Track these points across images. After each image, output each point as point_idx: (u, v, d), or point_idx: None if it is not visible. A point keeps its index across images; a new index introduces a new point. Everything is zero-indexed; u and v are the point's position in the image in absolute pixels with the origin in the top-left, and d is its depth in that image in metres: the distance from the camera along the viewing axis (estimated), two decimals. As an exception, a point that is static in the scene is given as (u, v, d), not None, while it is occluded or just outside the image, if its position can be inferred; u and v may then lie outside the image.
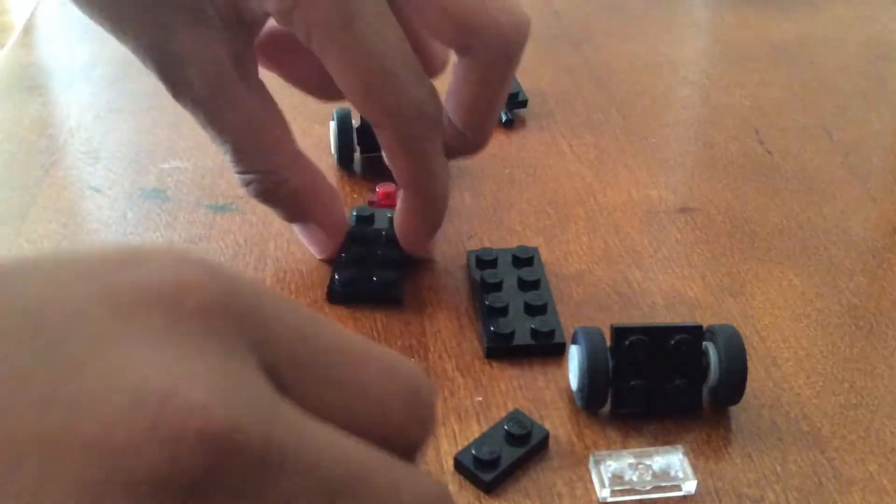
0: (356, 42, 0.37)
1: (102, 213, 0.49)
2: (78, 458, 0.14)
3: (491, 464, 0.34)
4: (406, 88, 0.38)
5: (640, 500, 0.34)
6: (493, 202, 0.51)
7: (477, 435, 0.36)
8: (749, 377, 0.37)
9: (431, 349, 0.41)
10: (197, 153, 0.56)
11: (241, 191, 0.52)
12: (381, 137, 0.41)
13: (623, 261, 0.47)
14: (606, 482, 0.34)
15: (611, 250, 0.47)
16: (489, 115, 0.42)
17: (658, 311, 0.43)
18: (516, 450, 0.35)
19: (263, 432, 0.15)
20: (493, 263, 0.45)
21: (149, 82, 0.64)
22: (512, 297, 0.43)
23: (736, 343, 0.37)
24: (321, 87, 0.45)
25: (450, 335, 0.42)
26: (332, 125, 0.53)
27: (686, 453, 0.35)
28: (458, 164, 0.55)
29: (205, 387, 0.15)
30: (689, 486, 0.34)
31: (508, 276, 0.44)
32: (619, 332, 0.36)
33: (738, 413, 0.38)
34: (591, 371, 0.36)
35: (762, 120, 0.60)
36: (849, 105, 0.62)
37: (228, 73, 0.39)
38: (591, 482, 0.35)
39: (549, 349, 0.40)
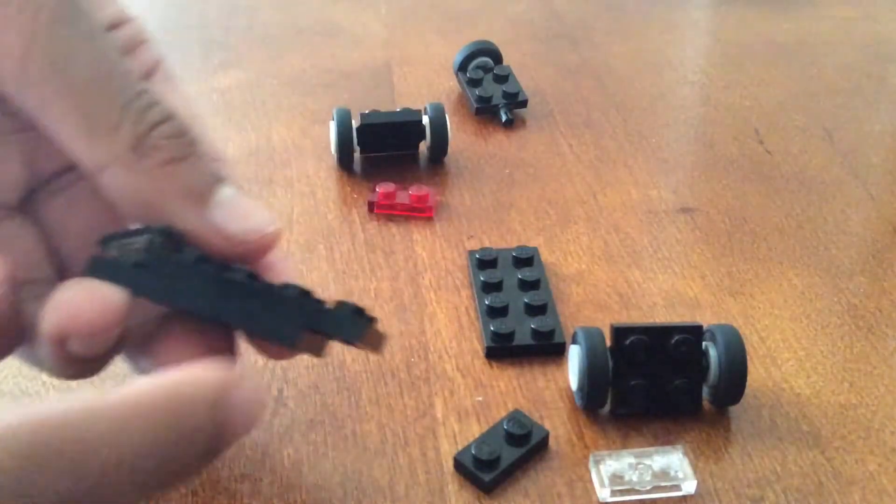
0: None
1: (102, 213, 0.49)
2: None
3: (491, 464, 0.34)
4: None
5: (640, 500, 0.34)
6: (493, 202, 0.51)
7: (477, 435, 0.36)
8: (749, 377, 0.37)
9: (431, 349, 0.41)
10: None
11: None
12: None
13: (623, 261, 0.47)
14: (606, 482, 0.34)
15: (611, 250, 0.47)
16: None
17: (658, 311, 0.43)
18: (516, 450, 0.35)
19: None
20: (493, 263, 0.45)
21: (149, 82, 0.65)
22: (512, 297, 0.43)
23: (736, 343, 0.37)
24: None
25: (450, 335, 0.42)
26: (332, 125, 0.53)
27: (686, 453, 0.35)
28: (458, 164, 0.55)
29: None
30: (689, 486, 0.34)
31: (508, 276, 0.44)
32: (619, 332, 0.36)
33: (738, 413, 0.38)
34: (591, 371, 0.36)
35: (762, 120, 0.60)
36: (849, 105, 0.62)
37: None
38: (591, 482, 0.35)
39: (549, 349, 0.40)
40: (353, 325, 0.28)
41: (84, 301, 0.27)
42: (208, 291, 0.28)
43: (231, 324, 0.29)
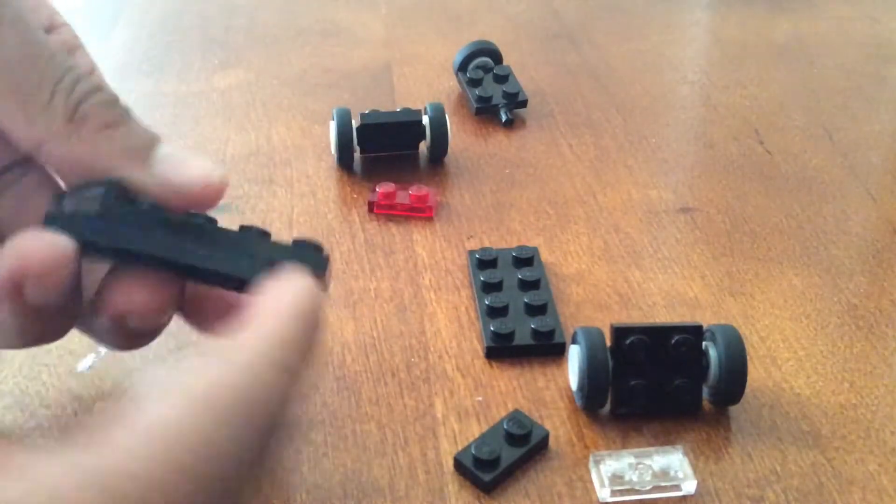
0: None
1: (102, 213, 0.49)
2: None
3: (491, 464, 0.34)
4: None
5: (640, 500, 0.34)
6: (493, 202, 0.51)
7: (477, 435, 0.36)
8: (749, 377, 0.37)
9: (431, 349, 0.41)
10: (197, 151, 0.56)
11: (241, 191, 0.52)
12: None
13: (623, 261, 0.47)
14: (606, 482, 0.34)
15: (611, 250, 0.47)
16: None
17: (658, 311, 0.43)
18: (516, 450, 0.35)
19: None
20: (493, 263, 0.45)
21: (148, 83, 0.65)
22: (512, 297, 0.43)
23: (736, 343, 0.37)
24: None
25: (450, 335, 0.42)
26: (332, 125, 0.53)
27: (686, 453, 0.35)
28: (458, 164, 0.55)
29: None
30: (689, 486, 0.34)
31: (508, 276, 0.44)
32: (619, 332, 0.36)
33: (738, 413, 0.38)
34: (591, 371, 0.36)
35: (762, 120, 0.60)
36: (849, 105, 0.62)
37: None
38: (591, 482, 0.35)
39: (549, 349, 0.40)
40: (314, 259, 0.29)
41: (35, 244, 0.28)
42: (165, 237, 0.29)
43: (189, 266, 0.29)
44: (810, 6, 0.76)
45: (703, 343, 0.37)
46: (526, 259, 0.45)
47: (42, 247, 0.28)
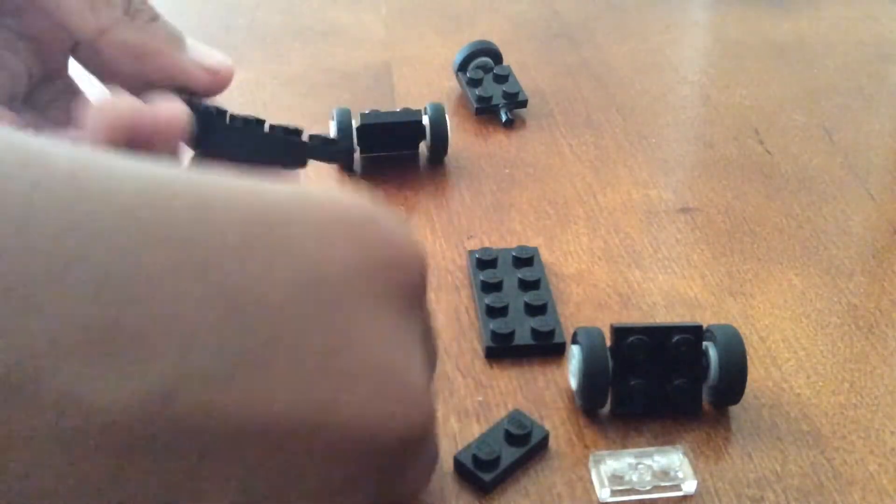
0: None
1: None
2: (335, 437, 0.22)
3: (491, 464, 0.34)
4: None
5: (640, 500, 0.34)
6: (493, 202, 0.51)
7: (477, 435, 0.36)
8: (749, 377, 0.37)
9: (431, 349, 0.41)
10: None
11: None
12: None
13: (623, 261, 0.47)
14: (606, 482, 0.34)
15: (611, 250, 0.47)
16: None
17: (658, 311, 0.43)
18: (516, 450, 0.35)
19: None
20: (493, 263, 0.45)
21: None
22: (512, 297, 0.43)
23: (736, 343, 0.37)
24: None
25: (450, 335, 0.42)
26: (332, 125, 0.53)
27: (686, 453, 0.35)
28: (458, 164, 0.55)
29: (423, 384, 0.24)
30: (689, 486, 0.34)
31: (508, 276, 0.44)
32: (619, 332, 0.36)
33: (738, 413, 0.38)
34: (591, 371, 0.36)
35: (762, 120, 0.60)
36: (849, 105, 0.62)
37: None
38: (591, 482, 0.35)
39: (549, 349, 0.40)
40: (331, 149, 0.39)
41: (181, 107, 0.37)
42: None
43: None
44: (810, 6, 0.76)
45: (703, 343, 0.37)
46: (526, 259, 0.45)
47: (185, 110, 0.36)
